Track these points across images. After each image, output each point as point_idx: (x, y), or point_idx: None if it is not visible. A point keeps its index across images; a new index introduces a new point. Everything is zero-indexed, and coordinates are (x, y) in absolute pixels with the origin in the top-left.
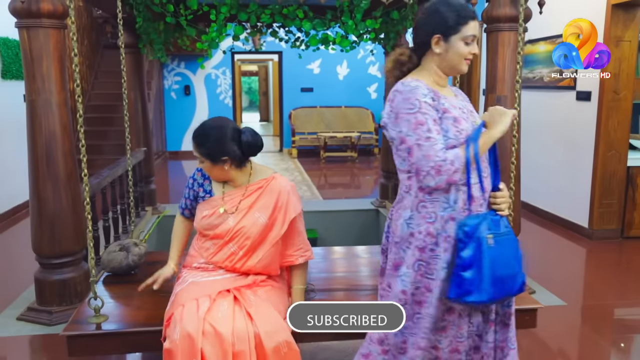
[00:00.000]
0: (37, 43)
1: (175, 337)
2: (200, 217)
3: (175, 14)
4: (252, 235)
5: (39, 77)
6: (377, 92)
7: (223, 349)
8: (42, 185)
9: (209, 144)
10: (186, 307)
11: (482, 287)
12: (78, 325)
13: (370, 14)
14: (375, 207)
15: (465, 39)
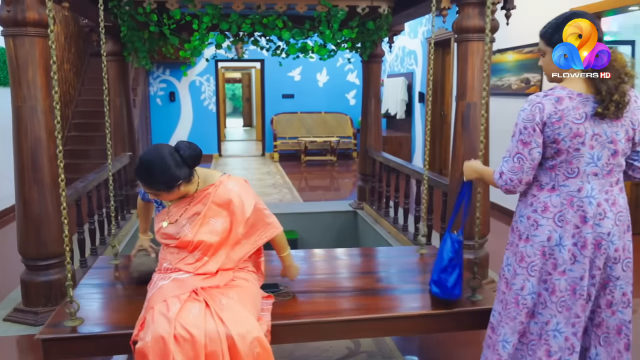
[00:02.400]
0: (23, 51)
1: (147, 339)
2: (156, 230)
3: (158, 23)
4: (213, 242)
5: (25, 84)
6: (355, 98)
7: (195, 351)
8: (27, 189)
9: (158, 179)
10: (156, 309)
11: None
12: (53, 329)
13: (347, 24)
14: (353, 208)
15: None
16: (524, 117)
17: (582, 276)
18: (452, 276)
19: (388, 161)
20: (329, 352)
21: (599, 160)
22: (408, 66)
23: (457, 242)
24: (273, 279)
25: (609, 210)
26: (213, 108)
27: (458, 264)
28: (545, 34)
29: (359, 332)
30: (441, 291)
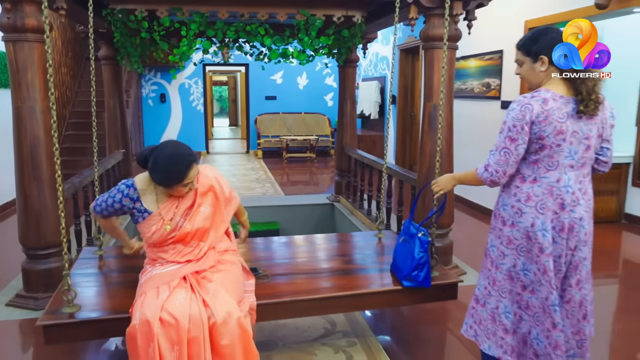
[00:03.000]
0: (22, 55)
1: (135, 322)
2: (150, 234)
3: (149, 30)
4: (207, 227)
5: (24, 86)
6: (332, 100)
7: (179, 335)
8: (27, 185)
9: (194, 168)
10: (148, 295)
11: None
12: (52, 315)
13: (324, 32)
14: (330, 201)
15: None
16: (514, 116)
17: (559, 255)
18: (422, 272)
19: (362, 158)
20: (307, 332)
21: (576, 154)
22: (381, 71)
23: (426, 242)
24: (252, 263)
25: (581, 198)
26: (201, 109)
27: (427, 261)
28: (524, 46)
29: (336, 308)
30: (413, 284)
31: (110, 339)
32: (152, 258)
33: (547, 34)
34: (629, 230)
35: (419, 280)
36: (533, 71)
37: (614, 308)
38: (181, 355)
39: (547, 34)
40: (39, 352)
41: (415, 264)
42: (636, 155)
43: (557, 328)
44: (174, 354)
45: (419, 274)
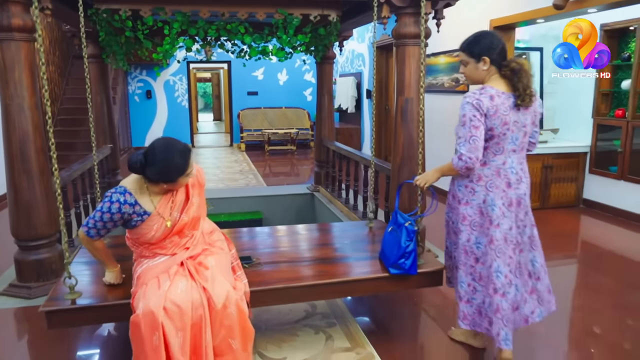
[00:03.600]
0: (10, 54)
1: (139, 312)
2: (152, 234)
3: (133, 29)
4: (198, 215)
5: (12, 84)
6: (311, 95)
7: (182, 322)
8: (17, 178)
9: (189, 160)
10: (149, 285)
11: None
12: (55, 302)
13: (301, 30)
14: (310, 191)
15: None
16: (470, 108)
17: (510, 227)
18: (409, 260)
19: (340, 149)
20: (289, 315)
21: (517, 140)
22: (357, 67)
23: (412, 232)
24: (245, 252)
25: (523, 177)
26: (186, 104)
27: (413, 250)
28: (468, 48)
29: (325, 295)
30: (400, 272)
31: (103, 325)
32: (146, 255)
33: (486, 37)
34: (586, 214)
35: (405, 267)
36: (477, 70)
37: (573, 286)
38: (185, 339)
39: (487, 38)
40: (34, 338)
41: (402, 252)
42: (592, 145)
43: (498, 293)
44: (178, 340)
45: (405, 261)
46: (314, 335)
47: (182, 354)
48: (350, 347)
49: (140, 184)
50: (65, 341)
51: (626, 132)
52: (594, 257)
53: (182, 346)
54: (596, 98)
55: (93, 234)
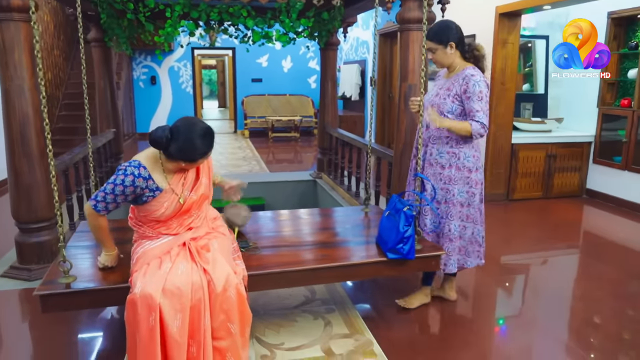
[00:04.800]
0: (9, 34)
1: (136, 291)
2: (163, 210)
3: (135, 11)
4: (206, 195)
5: (12, 65)
6: (315, 82)
7: (182, 304)
8: (17, 161)
9: (212, 143)
10: (150, 265)
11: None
12: (49, 286)
13: (304, 14)
14: (313, 178)
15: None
16: (485, 85)
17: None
18: (407, 245)
19: (342, 136)
20: (289, 300)
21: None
22: (361, 54)
23: (410, 217)
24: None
25: None
26: (190, 90)
27: (412, 235)
28: (436, 36)
29: (323, 279)
30: (397, 256)
31: (107, 309)
32: (149, 235)
33: (450, 26)
34: (589, 204)
35: (403, 252)
36: (445, 54)
37: (574, 276)
38: (184, 322)
39: (450, 26)
40: (34, 320)
41: (400, 237)
42: (597, 135)
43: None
44: (177, 322)
45: (403, 247)
46: (313, 321)
47: (180, 336)
48: (349, 333)
49: (154, 160)
50: (66, 323)
51: (632, 122)
52: (596, 247)
53: (180, 328)
54: (602, 87)
55: (101, 208)
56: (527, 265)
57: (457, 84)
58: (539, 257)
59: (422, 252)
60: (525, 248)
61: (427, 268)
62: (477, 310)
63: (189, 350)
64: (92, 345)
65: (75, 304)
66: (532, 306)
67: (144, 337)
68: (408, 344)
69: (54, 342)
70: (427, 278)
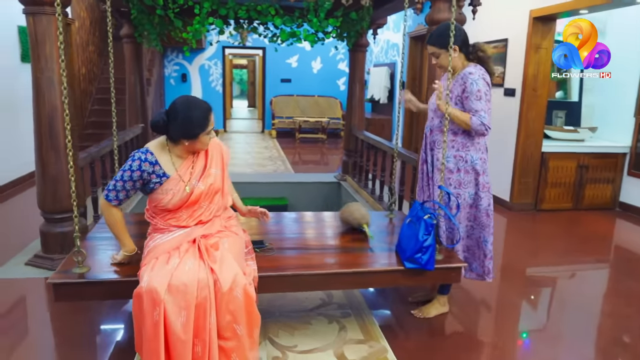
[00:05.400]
0: (41, 27)
1: (142, 285)
2: (169, 198)
3: (164, 7)
4: (219, 188)
5: (43, 58)
6: (345, 84)
7: (187, 301)
8: (45, 152)
9: (209, 116)
10: (159, 260)
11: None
12: (63, 275)
13: (333, 14)
14: (337, 180)
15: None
16: (484, 84)
17: None
18: (426, 255)
19: (368, 139)
20: (305, 302)
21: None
22: (391, 57)
23: (430, 225)
24: (259, 236)
25: None
26: (220, 89)
27: (431, 245)
28: (438, 41)
29: (337, 285)
30: (415, 266)
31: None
32: (160, 227)
33: (450, 29)
34: (622, 218)
35: (421, 263)
36: (449, 58)
37: (603, 291)
38: (188, 319)
39: (450, 29)
40: (54, 308)
41: (419, 247)
42: (633, 146)
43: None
44: (181, 319)
45: (422, 256)
46: (328, 325)
47: (184, 333)
48: (363, 339)
49: (162, 146)
50: (87, 313)
51: None
52: (628, 263)
53: (184, 325)
54: (639, 96)
55: (112, 197)
56: (554, 278)
57: (458, 84)
58: (567, 270)
59: (442, 262)
60: (553, 260)
61: (447, 280)
62: (500, 322)
63: (194, 349)
64: (112, 336)
65: (86, 294)
66: (558, 321)
67: (149, 332)
68: (424, 354)
69: (73, 331)
70: (443, 286)
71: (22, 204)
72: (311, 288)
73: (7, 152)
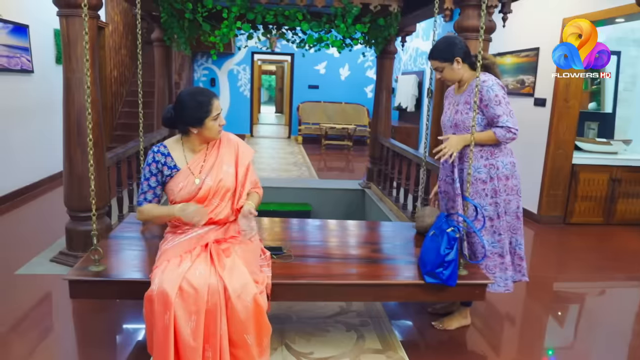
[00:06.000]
0: (74, 29)
1: (153, 288)
2: (178, 190)
3: (193, 11)
4: (230, 186)
5: (74, 59)
6: (372, 92)
7: (197, 305)
8: (72, 151)
9: (213, 99)
10: (170, 263)
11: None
12: (79, 272)
13: (360, 20)
14: (362, 187)
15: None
16: (499, 88)
17: None
18: (448, 270)
19: (394, 146)
20: (323, 309)
21: None
22: (420, 65)
23: (453, 239)
24: (278, 242)
25: None
26: (247, 94)
27: (453, 259)
28: (440, 55)
29: (348, 296)
30: (436, 281)
31: None
32: (174, 225)
33: (452, 42)
34: None
35: (442, 278)
36: (453, 71)
37: (635, 309)
38: (198, 324)
39: (452, 42)
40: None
41: (440, 261)
42: None
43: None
44: (191, 324)
45: (443, 271)
46: (345, 333)
47: (194, 339)
48: (381, 349)
49: (177, 140)
50: (107, 311)
51: None
52: None
53: (194, 330)
54: None
55: (141, 200)
56: (582, 294)
57: (473, 94)
58: (596, 286)
59: (465, 278)
60: (581, 276)
61: (470, 298)
62: (525, 338)
63: (204, 355)
64: (132, 335)
65: (100, 293)
66: (586, 339)
67: (159, 336)
68: None
69: (94, 328)
70: None
71: (53, 202)
72: (323, 298)
73: (44, 151)
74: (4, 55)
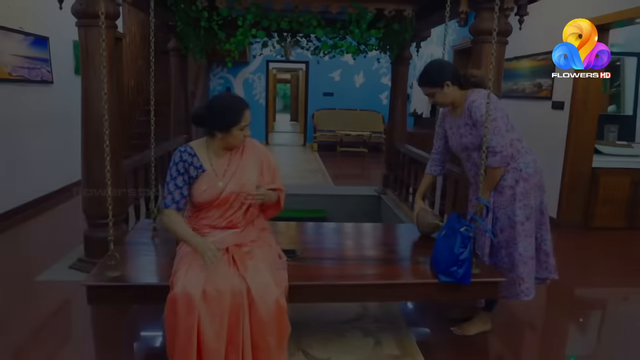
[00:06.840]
0: (92, 39)
1: (177, 290)
2: (200, 193)
3: (208, 19)
4: (252, 192)
5: (92, 69)
6: (387, 98)
7: (221, 308)
8: (91, 159)
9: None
10: (192, 266)
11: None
12: (95, 278)
13: (375, 25)
14: (377, 193)
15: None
16: (500, 107)
17: None
18: (462, 269)
19: (409, 152)
20: (340, 314)
21: None
22: None
23: (467, 238)
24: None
25: None
26: (263, 102)
27: (468, 258)
28: (429, 82)
29: (362, 296)
30: (450, 279)
31: None
32: (193, 228)
33: (440, 66)
34: None
35: (456, 277)
36: (444, 94)
37: None
38: (222, 326)
39: (440, 66)
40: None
41: (454, 260)
42: None
43: None
44: (214, 327)
45: (457, 270)
46: (362, 338)
47: (218, 340)
48: (399, 354)
49: (202, 142)
50: (126, 317)
51: None
52: None
53: (217, 332)
54: None
55: (168, 201)
56: (604, 300)
57: (466, 117)
58: (619, 292)
59: (479, 277)
60: (604, 281)
61: (484, 295)
62: (546, 344)
63: (227, 357)
64: (150, 342)
65: (117, 298)
66: (609, 346)
67: (182, 339)
68: None
69: (112, 334)
70: (488, 303)
71: (72, 210)
72: (337, 299)
73: (64, 159)
74: (25, 67)
